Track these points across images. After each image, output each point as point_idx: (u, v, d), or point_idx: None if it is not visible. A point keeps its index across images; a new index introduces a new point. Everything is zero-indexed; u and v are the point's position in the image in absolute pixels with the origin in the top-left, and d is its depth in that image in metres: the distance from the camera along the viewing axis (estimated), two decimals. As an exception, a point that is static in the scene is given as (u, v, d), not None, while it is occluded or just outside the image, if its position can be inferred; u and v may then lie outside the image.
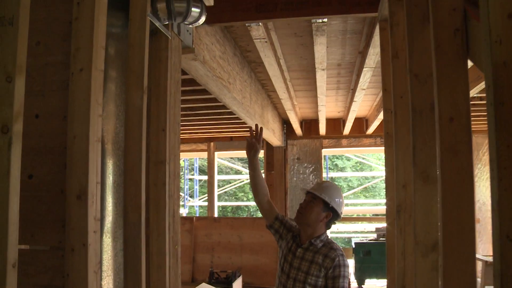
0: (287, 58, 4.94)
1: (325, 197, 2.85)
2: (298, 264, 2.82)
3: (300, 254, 2.85)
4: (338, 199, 2.90)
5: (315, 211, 2.86)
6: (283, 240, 3.04)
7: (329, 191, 2.89)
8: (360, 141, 9.14)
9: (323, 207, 2.86)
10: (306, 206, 2.90)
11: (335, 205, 2.87)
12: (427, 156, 1.80)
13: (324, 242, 2.87)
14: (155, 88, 2.68)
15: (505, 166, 1.01)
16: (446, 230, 1.42)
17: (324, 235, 2.91)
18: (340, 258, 2.75)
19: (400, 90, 2.38)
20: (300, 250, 2.87)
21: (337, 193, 2.93)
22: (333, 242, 2.91)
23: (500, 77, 1.04)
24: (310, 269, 2.76)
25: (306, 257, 2.82)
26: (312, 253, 2.82)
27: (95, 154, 1.90)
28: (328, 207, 2.86)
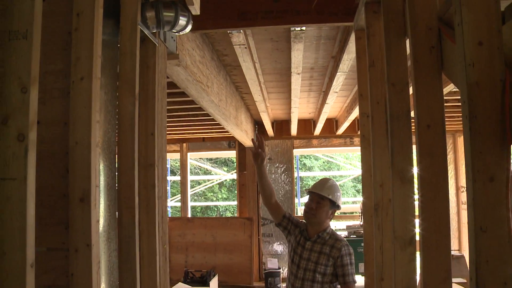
0: (262, 62, 5.09)
1: (332, 197, 3.22)
2: (307, 255, 3.18)
3: (309, 246, 3.21)
4: (338, 194, 3.31)
5: (324, 211, 3.24)
6: (292, 235, 3.40)
7: (333, 190, 3.28)
8: (330, 141, 9.38)
9: (330, 205, 3.25)
10: (317, 206, 3.24)
11: (339, 202, 3.28)
12: (404, 158, 1.99)
13: (330, 234, 3.23)
14: (143, 94, 2.78)
15: (478, 169, 1.19)
16: (425, 224, 1.60)
17: (329, 228, 3.29)
18: (346, 247, 3.12)
19: (377, 97, 2.57)
20: (309, 243, 3.22)
21: (338, 190, 3.33)
22: (337, 233, 3.26)
23: (473, 95, 1.22)
24: (319, 259, 3.12)
25: (315, 249, 3.17)
26: (320, 245, 3.18)
27: (95, 158, 2.00)
28: (334, 205, 3.26)
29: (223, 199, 20.64)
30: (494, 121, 1.20)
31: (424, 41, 1.71)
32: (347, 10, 3.18)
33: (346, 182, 20.04)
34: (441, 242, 1.60)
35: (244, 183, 9.37)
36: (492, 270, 1.15)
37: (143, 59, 2.79)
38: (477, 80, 1.23)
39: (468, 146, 1.22)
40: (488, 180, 1.18)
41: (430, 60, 1.69)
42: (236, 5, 3.26)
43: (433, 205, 1.62)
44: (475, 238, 1.18)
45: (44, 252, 1.98)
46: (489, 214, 1.17)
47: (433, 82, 1.67)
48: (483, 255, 1.17)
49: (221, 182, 20.23)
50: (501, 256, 1.16)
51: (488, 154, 1.20)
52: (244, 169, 9.43)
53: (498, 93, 1.21)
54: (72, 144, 1.97)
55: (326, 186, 3.30)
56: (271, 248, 9.11)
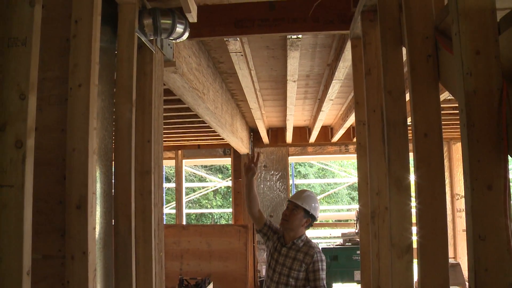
0: (258, 70, 5.11)
1: (305, 206, 3.47)
2: (283, 260, 3.42)
3: (284, 252, 3.44)
4: (314, 204, 3.49)
5: (297, 218, 3.48)
6: (270, 241, 3.62)
7: (308, 200, 3.52)
8: (325, 149, 9.40)
9: (304, 214, 3.48)
10: (290, 214, 3.51)
11: (314, 212, 3.50)
12: (401, 166, 2.00)
13: (304, 241, 3.47)
14: (140, 101, 2.78)
15: (477, 177, 1.20)
16: (423, 232, 1.61)
17: (304, 235, 3.52)
18: (318, 254, 3.37)
19: (373, 104, 2.58)
20: (284, 249, 3.46)
21: (315, 201, 3.53)
22: (311, 241, 3.48)
23: (471, 103, 1.24)
24: (293, 265, 3.35)
25: (289, 255, 3.41)
26: (294, 251, 3.41)
27: (92, 165, 2.00)
28: (308, 214, 3.49)
29: (218, 207, 20.60)
30: (491, 129, 1.21)
31: (420, 50, 1.72)
32: (343, 18, 3.20)
33: (341, 190, 20.06)
34: (438, 250, 1.60)
35: (239, 190, 9.35)
36: (491, 278, 1.16)
37: (140, 66, 2.79)
38: (474, 88, 1.24)
39: (466, 154, 1.23)
40: (486, 188, 1.19)
41: (427, 68, 1.70)
42: (232, 13, 3.27)
43: (431, 212, 1.63)
44: (474, 246, 1.19)
45: (40, 259, 1.97)
46: (488, 222, 1.18)
47: (429, 90, 1.69)
48: (482, 263, 1.17)
49: (216, 189, 20.19)
50: (500, 265, 1.16)
51: (486, 162, 1.20)
52: (239, 176, 9.41)
53: (495, 102, 1.22)
54: (69, 151, 1.96)
55: (302, 196, 3.58)
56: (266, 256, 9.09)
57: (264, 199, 9.19)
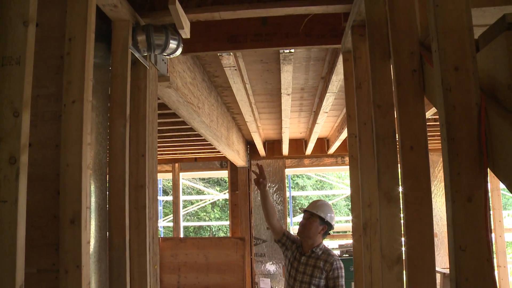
0: (252, 83, 5.16)
1: (320, 214, 3.61)
2: (303, 269, 3.53)
3: (304, 261, 3.57)
4: (330, 214, 3.67)
5: (314, 226, 3.61)
6: (289, 250, 3.78)
7: (323, 208, 3.66)
8: (322, 160, 9.43)
9: (320, 222, 3.61)
10: (306, 222, 3.65)
11: (329, 219, 3.63)
12: (390, 179, 2.03)
13: (323, 250, 3.60)
14: (134, 116, 2.81)
15: (457, 189, 1.23)
16: (410, 243, 1.64)
17: (322, 244, 3.65)
18: (337, 262, 3.49)
19: (364, 118, 2.62)
20: (304, 258, 3.59)
21: (329, 209, 3.70)
22: (330, 249, 3.65)
23: (451, 118, 1.27)
24: (313, 272, 3.48)
25: (310, 263, 3.53)
26: (314, 259, 3.54)
27: (86, 180, 2.03)
28: (324, 221, 3.62)
29: (216, 219, 20.56)
30: (471, 143, 1.25)
31: (406, 65, 1.76)
32: (334, 32, 3.25)
33: (339, 201, 20.06)
34: (425, 261, 1.63)
35: (237, 203, 9.37)
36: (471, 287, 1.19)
37: (134, 82, 2.83)
38: (454, 103, 1.28)
39: (447, 168, 1.26)
40: (466, 200, 1.22)
41: (412, 83, 1.74)
42: (225, 28, 3.32)
43: (418, 224, 1.66)
44: (455, 256, 1.22)
45: (34, 273, 1.99)
46: (468, 234, 1.21)
47: (415, 104, 1.72)
48: (463, 273, 1.20)
49: (214, 202, 20.17)
50: (480, 274, 1.19)
51: (466, 175, 1.24)
52: (236, 189, 9.43)
53: (474, 117, 1.25)
54: (63, 166, 1.99)
55: (316, 204, 3.71)
56: (264, 268, 9.07)
57: (261, 211, 9.18)
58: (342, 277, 3.46)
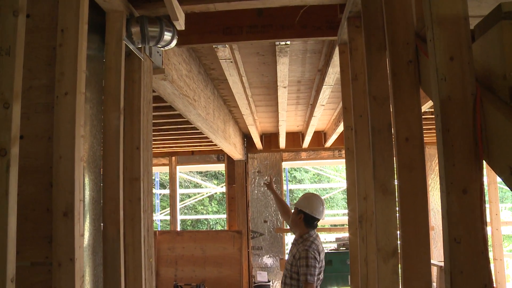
0: (249, 76, 5.13)
1: (296, 204, 3.94)
2: (289, 257, 3.86)
3: (291, 249, 3.88)
4: (308, 204, 3.90)
5: (292, 218, 3.96)
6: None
7: (300, 199, 3.99)
8: (319, 153, 9.42)
9: (297, 212, 3.91)
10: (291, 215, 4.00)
11: (302, 207, 3.88)
12: (386, 171, 2.02)
13: (304, 239, 3.80)
14: (129, 108, 2.79)
15: (452, 181, 1.21)
16: (405, 236, 1.63)
17: (307, 234, 3.83)
18: (304, 251, 3.65)
19: (360, 110, 2.60)
20: (292, 246, 3.92)
21: (306, 198, 3.97)
22: (308, 239, 3.79)
23: (445, 108, 1.26)
24: (291, 260, 3.76)
25: (293, 252, 3.81)
26: (295, 248, 3.81)
27: (79, 173, 2.01)
28: (298, 211, 3.89)
29: (213, 212, 20.57)
30: (466, 134, 1.23)
31: (401, 55, 1.74)
32: (330, 24, 3.23)
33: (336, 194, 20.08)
34: (421, 254, 1.62)
35: (233, 196, 9.36)
36: (466, 280, 1.17)
37: (128, 74, 2.81)
38: (449, 94, 1.26)
39: (442, 159, 1.25)
40: (461, 192, 1.21)
41: (408, 74, 1.72)
42: (221, 20, 3.29)
43: (413, 216, 1.65)
44: (450, 249, 1.20)
45: (27, 266, 1.98)
46: (463, 226, 1.20)
47: (411, 95, 1.71)
48: (458, 265, 1.19)
49: (212, 195, 20.17)
50: (475, 267, 1.18)
51: (461, 166, 1.22)
52: (233, 182, 9.42)
53: (469, 107, 1.24)
54: (56, 159, 1.97)
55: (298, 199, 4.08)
56: (261, 261, 9.09)
57: (258, 205, 9.20)
58: (307, 266, 3.59)
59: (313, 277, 3.57)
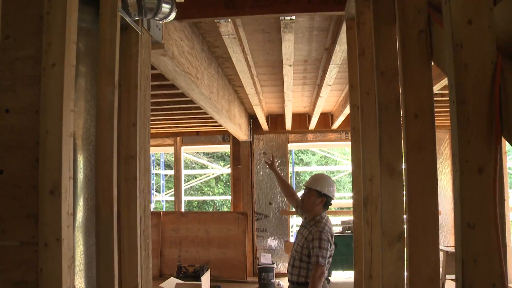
0: (254, 54, 4.99)
1: (317, 188, 3.71)
2: (299, 238, 3.71)
3: (302, 232, 3.73)
4: (328, 187, 3.75)
5: (311, 200, 3.71)
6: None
7: (320, 181, 3.77)
8: (326, 135, 9.28)
9: (317, 195, 3.70)
10: (305, 197, 3.78)
11: (326, 192, 3.71)
12: (393, 150, 1.89)
13: (316, 221, 3.66)
14: (125, 84, 2.68)
15: (466, 159, 1.09)
16: (412, 220, 1.51)
17: (319, 216, 3.70)
18: (318, 233, 3.51)
19: (366, 87, 2.47)
20: (302, 228, 3.77)
21: (327, 182, 3.81)
22: (321, 221, 3.65)
23: (461, 78, 1.12)
24: (302, 242, 3.61)
25: (304, 233, 3.67)
26: (306, 229, 3.67)
27: (67, 149, 1.90)
28: (321, 194, 3.70)
29: (219, 194, 20.56)
30: (483, 107, 1.10)
31: (412, 25, 1.60)
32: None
33: (343, 177, 19.95)
34: (429, 239, 1.50)
35: (239, 177, 9.28)
36: (480, 270, 1.05)
37: (125, 48, 2.68)
38: (465, 62, 1.12)
39: (455, 134, 1.12)
40: (476, 171, 1.08)
41: (419, 45, 1.58)
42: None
43: (421, 199, 1.52)
44: (462, 235, 1.08)
45: (14, 246, 1.89)
46: (478, 209, 1.07)
47: (421, 68, 1.57)
48: (471, 253, 1.07)
49: (218, 176, 20.13)
50: (489, 255, 1.06)
51: (477, 143, 1.09)
52: (238, 163, 9.33)
53: (488, 77, 1.10)
54: (42, 133, 1.87)
55: (314, 179, 3.85)
56: (265, 243, 9.03)
57: (263, 187, 9.11)
58: (320, 247, 3.45)
59: (324, 259, 3.43)
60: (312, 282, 3.37)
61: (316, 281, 3.36)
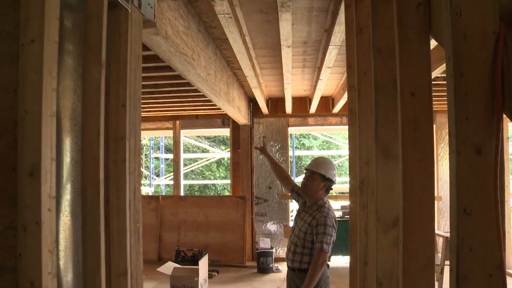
0: (252, 35, 4.87)
1: (321, 171, 3.61)
2: (300, 224, 3.58)
3: (303, 216, 3.62)
4: (331, 170, 3.68)
5: (315, 184, 3.61)
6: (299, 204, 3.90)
7: (323, 165, 3.67)
8: (326, 119, 9.18)
9: (321, 179, 3.61)
10: (307, 181, 3.67)
11: (330, 175, 3.64)
12: (389, 132, 1.80)
13: (319, 206, 3.56)
14: (114, 63, 2.59)
15: (464, 138, 1.00)
16: (407, 204, 1.42)
17: (321, 200, 3.61)
18: (323, 218, 3.43)
19: (364, 67, 2.37)
20: (303, 213, 3.65)
21: (330, 166, 3.72)
22: (326, 207, 3.57)
23: (459, 49, 1.03)
24: (305, 227, 3.50)
25: (305, 218, 3.56)
26: (309, 215, 3.55)
27: (49, 129, 1.81)
28: (325, 178, 3.62)
29: (221, 178, 20.54)
30: (484, 81, 1.00)
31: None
32: (336, -25, 2.96)
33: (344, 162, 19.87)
34: (424, 223, 1.42)
35: (238, 161, 9.20)
36: (476, 259, 0.97)
37: (114, 26, 2.59)
38: (464, 31, 1.03)
39: (452, 111, 1.02)
40: (474, 152, 0.99)
41: (416, 18, 1.48)
42: (216, -32, 3.03)
43: (416, 183, 1.44)
44: (458, 221, 0.99)
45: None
46: (475, 194, 0.98)
47: (419, 43, 1.47)
48: (467, 242, 0.98)
49: (219, 160, 20.08)
50: (487, 244, 0.97)
51: (476, 120, 1.00)
52: (238, 147, 9.25)
53: (489, 48, 1.01)
54: (21, 113, 1.78)
55: (317, 162, 3.75)
56: (265, 228, 8.99)
57: (263, 170, 9.03)
58: (325, 233, 3.37)
59: (328, 246, 3.35)
60: (313, 268, 3.29)
61: (317, 268, 3.27)
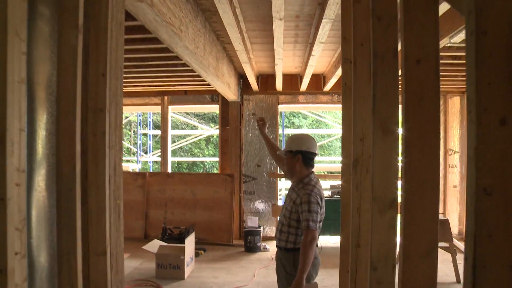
0: (243, 8, 4.68)
1: (288, 148, 3.58)
2: (287, 202, 3.56)
3: (290, 194, 3.59)
4: (298, 142, 3.56)
5: (288, 162, 3.59)
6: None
7: (290, 142, 3.61)
8: (317, 97, 9.02)
9: (291, 155, 3.57)
10: (285, 163, 3.66)
11: (296, 147, 3.53)
12: (388, 106, 1.66)
13: (304, 184, 3.47)
14: (94, 29, 2.41)
15: (486, 107, 0.85)
16: (409, 185, 1.29)
17: (307, 177, 3.52)
18: (306, 196, 3.33)
19: (361, 38, 2.22)
20: (291, 191, 3.60)
21: (294, 138, 3.63)
22: (309, 184, 3.46)
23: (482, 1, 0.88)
24: (290, 207, 3.46)
25: (292, 197, 3.51)
26: (294, 193, 3.50)
27: (16, 97, 1.65)
28: (293, 152, 3.55)
29: (210, 155, 20.40)
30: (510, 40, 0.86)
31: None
32: None
33: (334, 142, 19.82)
34: (427, 208, 1.29)
35: (227, 138, 9.05)
36: (496, 248, 0.84)
37: (94, -11, 2.40)
38: (490, -21, 0.88)
39: (473, 74, 0.88)
40: (498, 122, 0.85)
41: (425, -24, 1.33)
42: None
43: (420, 162, 1.30)
44: (476, 203, 0.86)
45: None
46: (498, 171, 0.85)
47: (426, 5, 1.32)
48: (486, 227, 0.85)
49: (208, 138, 19.90)
50: (509, 230, 0.84)
51: (500, 86, 0.85)
52: (227, 124, 9.08)
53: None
54: (-17, 78, 1.61)
55: (287, 142, 3.69)
56: (253, 206, 8.89)
57: (251, 148, 8.89)
58: (309, 211, 3.26)
59: (315, 223, 3.23)
60: (303, 247, 3.17)
61: (307, 246, 3.15)
